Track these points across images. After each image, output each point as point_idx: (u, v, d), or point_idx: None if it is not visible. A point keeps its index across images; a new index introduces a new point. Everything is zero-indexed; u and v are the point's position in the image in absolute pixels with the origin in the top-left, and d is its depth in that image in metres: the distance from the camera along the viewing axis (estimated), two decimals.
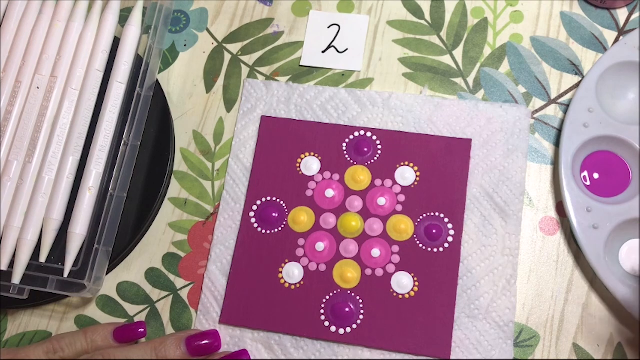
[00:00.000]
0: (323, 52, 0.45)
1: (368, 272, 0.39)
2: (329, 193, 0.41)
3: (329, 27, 0.46)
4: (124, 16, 0.46)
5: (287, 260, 0.40)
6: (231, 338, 0.39)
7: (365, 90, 0.43)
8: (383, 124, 0.42)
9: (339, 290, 0.39)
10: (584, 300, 0.38)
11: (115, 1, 0.45)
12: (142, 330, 0.39)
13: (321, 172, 0.42)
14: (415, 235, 0.39)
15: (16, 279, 0.39)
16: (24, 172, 0.41)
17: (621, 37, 0.43)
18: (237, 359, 0.37)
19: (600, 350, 0.37)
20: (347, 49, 0.45)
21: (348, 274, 0.39)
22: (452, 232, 0.39)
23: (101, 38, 0.44)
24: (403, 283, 0.39)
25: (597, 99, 0.39)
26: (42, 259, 0.40)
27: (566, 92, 0.42)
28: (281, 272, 0.40)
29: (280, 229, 0.41)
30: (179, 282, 0.41)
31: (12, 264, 0.39)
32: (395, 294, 0.38)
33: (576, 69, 0.43)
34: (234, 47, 0.46)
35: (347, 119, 0.43)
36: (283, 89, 0.44)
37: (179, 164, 0.44)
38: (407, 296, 0.38)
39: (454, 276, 0.38)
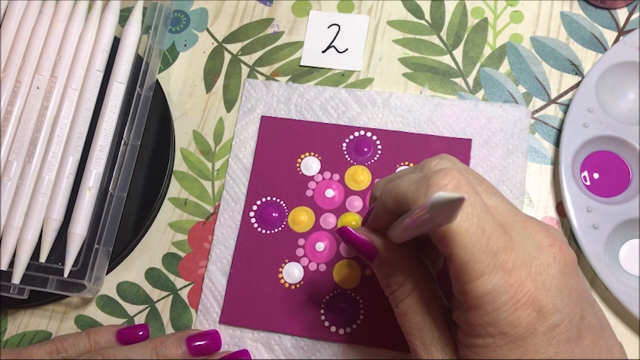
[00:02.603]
0: (323, 52, 0.45)
1: (368, 272, 0.39)
2: (329, 193, 0.41)
3: (329, 27, 0.46)
4: (124, 16, 0.46)
5: (287, 260, 0.40)
6: (231, 338, 0.39)
7: (365, 90, 0.43)
8: (383, 124, 0.42)
9: (339, 290, 0.39)
10: None
11: (115, 1, 0.45)
12: (142, 332, 0.39)
13: (321, 172, 0.42)
14: None
15: (16, 279, 0.39)
16: (24, 172, 0.41)
17: (621, 37, 0.43)
18: (238, 359, 0.37)
19: None
20: (347, 49, 0.45)
21: (348, 274, 0.39)
22: None
23: (101, 38, 0.44)
24: None
25: (597, 99, 0.39)
26: (42, 259, 0.40)
27: (566, 92, 0.42)
28: (281, 272, 0.40)
29: (280, 229, 0.41)
30: (179, 282, 0.41)
31: (12, 264, 0.39)
32: None
33: (576, 69, 0.43)
34: (234, 47, 0.46)
35: (347, 119, 0.43)
36: (283, 89, 0.44)
37: (179, 164, 0.44)
38: None
39: None
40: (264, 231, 0.41)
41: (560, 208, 0.40)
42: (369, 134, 0.42)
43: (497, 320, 0.24)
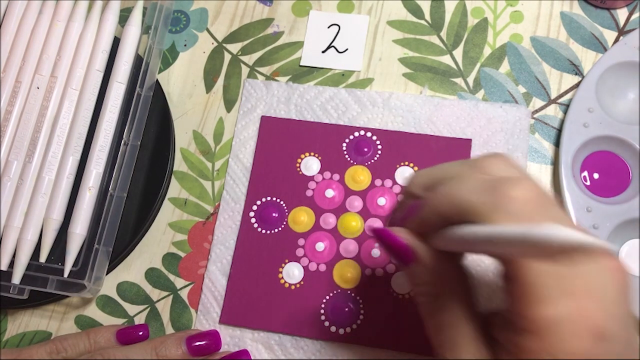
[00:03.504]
0: (323, 52, 0.45)
1: (368, 272, 0.39)
2: (329, 193, 0.41)
3: (329, 27, 0.46)
4: (124, 16, 0.46)
5: (287, 260, 0.40)
6: (231, 338, 0.39)
7: (365, 90, 0.43)
8: (383, 124, 0.42)
9: (339, 290, 0.39)
10: None
11: (115, 1, 0.45)
12: (142, 333, 0.39)
13: (321, 172, 0.42)
14: None
15: (16, 279, 0.39)
16: (24, 172, 0.41)
17: (621, 37, 0.43)
18: (237, 359, 0.37)
19: None
20: (347, 49, 0.45)
21: (348, 274, 0.39)
22: None
23: (101, 38, 0.44)
24: (403, 283, 0.39)
25: (597, 99, 0.39)
26: (42, 259, 0.40)
27: (566, 92, 0.42)
28: (281, 272, 0.40)
29: (280, 229, 0.41)
30: (179, 282, 0.41)
31: (12, 264, 0.39)
32: (395, 294, 0.38)
33: (576, 69, 0.43)
34: (234, 47, 0.46)
35: (347, 119, 0.43)
36: (283, 89, 0.44)
37: (179, 164, 0.44)
38: (407, 296, 0.38)
39: None
40: (264, 231, 0.41)
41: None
42: (369, 134, 0.42)
43: (555, 347, 0.23)
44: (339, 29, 0.45)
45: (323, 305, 0.39)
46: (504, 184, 0.23)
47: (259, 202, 0.41)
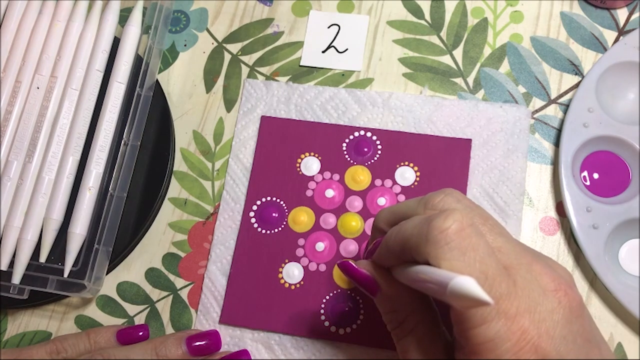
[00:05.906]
0: (323, 52, 0.45)
1: None
2: (329, 193, 0.41)
3: (329, 27, 0.46)
4: (124, 16, 0.45)
5: (287, 260, 0.40)
6: (231, 338, 0.39)
7: (365, 90, 0.43)
8: (383, 124, 0.42)
9: (339, 290, 0.39)
10: (584, 300, 0.38)
11: (115, 1, 0.45)
12: (142, 333, 0.39)
13: (321, 172, 0.42)
14: None
15: (16, 279, 0.39)
16: (24, 172, 0.41)
17: (621, 37, 0.43)
18: (238, 359, 0.37)
19: None
20: (347, 49, 0.45)
21: None
22: None
23: (101, 38, 0.44)
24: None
25: (597, 99, 0.40)
26: (42, 259, 0.40)
27: (566, 92, 0.42)
28: (281, 272, 0.40)
29: (280, 229, 0.41)
30: (179, 282, 0.41)
31: (12, 264, 0.39)
32: None
33: (576, 69, 0.43)
34: (234, 47, 0.46)
35: (347, 119, 0.43)
36: (283, 89, 0.44)
37: (179, 164, 0.44)
38: None
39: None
40: (264, 231, 0.41)
41: (560, 208, 0.40)
42: (369, 134, 0.42)
43: None
44: (339, 29, 0.45)
45: (323, 305, 0.39)
46: (435, 218, 0.24)
47: (259, 202, 0.41)
